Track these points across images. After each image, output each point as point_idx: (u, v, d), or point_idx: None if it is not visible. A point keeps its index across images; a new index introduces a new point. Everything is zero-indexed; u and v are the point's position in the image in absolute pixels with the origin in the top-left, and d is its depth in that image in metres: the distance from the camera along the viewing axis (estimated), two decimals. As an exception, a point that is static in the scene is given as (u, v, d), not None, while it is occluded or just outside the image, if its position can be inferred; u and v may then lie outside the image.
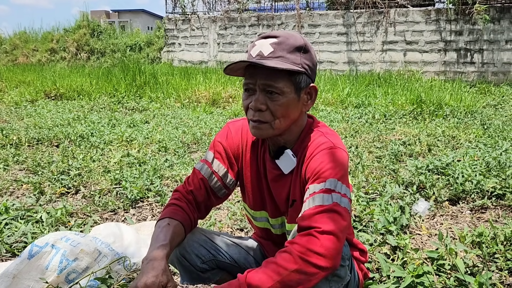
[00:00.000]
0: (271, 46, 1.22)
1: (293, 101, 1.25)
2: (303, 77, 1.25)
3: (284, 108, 1.23)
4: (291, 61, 1.22)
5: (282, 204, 1.38)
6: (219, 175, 1.40)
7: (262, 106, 1.22)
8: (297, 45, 1.24)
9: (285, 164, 1.32)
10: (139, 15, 36.82)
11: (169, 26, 13.18)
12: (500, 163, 3.12)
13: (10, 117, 5.75)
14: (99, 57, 14.88)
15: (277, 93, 1.22)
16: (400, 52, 10.29)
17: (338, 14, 10.84)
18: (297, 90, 1.25)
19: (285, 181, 1.34)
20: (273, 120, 1.24)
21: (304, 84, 1.26)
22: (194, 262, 1.40)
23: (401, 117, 5.55)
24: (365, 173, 3.22)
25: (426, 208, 2.55)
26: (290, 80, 1.23)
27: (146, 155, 3.77)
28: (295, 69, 1.21)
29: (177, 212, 1.33)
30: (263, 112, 1.23)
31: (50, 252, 1.66)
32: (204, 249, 1.42)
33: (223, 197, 1.45)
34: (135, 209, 2.70)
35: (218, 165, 1.41)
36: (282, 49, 1.22)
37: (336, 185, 1.17)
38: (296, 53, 1.23)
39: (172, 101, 7.10)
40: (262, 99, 1.22)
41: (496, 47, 9.46)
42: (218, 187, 1.41)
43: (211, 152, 1.43)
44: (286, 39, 1.23)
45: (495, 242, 1.99)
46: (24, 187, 3.01)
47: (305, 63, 1.25)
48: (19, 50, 15.68)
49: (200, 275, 1.42)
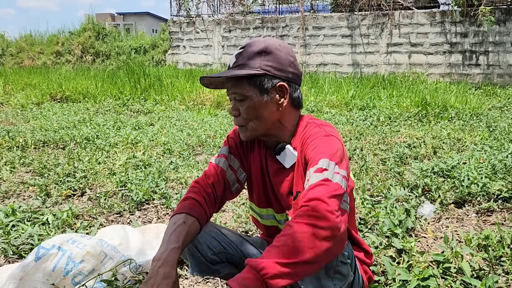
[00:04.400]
0: (235, 57, 1.35)
1: (261, 103, 1.33)
2: (264, 79, 1.31)
3: (252, 110, 1.33)
4: (250, 66, 1.31)
5: (285, 197, 1.41)
6: (234, 168, 1.48)
7: (235, 112, 1.36)
8: (256, 50, 1.32)
9: (285, 159, 1.38)
10: (144, 18, 36.99)
11: (173, 29, 13.23)
12: (506, 166, 3.10)
13: (16, 120, 5.79)
14: (104, 60, 14.95)
15: (242, 98, 1.33)
16: (405, 54, 10.26)
17: (342, 16, 10.83)
18: (261, 92, 1.32)
19: (287, 174, 1.39)
20: (246, 123, 1.35)
21: (269, 85, 1.32)
22: (205, 253, 1.41)
23: (406, 120, 5.54)
24: (370, 176, 3.21)
25: (431, 211, 2.54)
26: (251, 84, 1.31)
27: (151, 158, 3.79)
28: (248, 73, 1.29)
29: (195, 208, 1.34)
30: (238, 117, 1.37)
31: (56, 254, 1.67)
32: (216, 241, 1.44)
33: (236, 192, 1.50)
34: (141, 211, 2.71)
35: (233, 159, 1.49)
36: (243, 57, 1.33)
37: (328, 164, 1.18)
38: (255, 57, 1.32)
39: (177, 103, 7.12)
40: (235, 105, 1.36)
41: (502, 49, 9.41)
42: (233, 181, 1.48)
43: (226, 147, 1.51)
44: (249, 47, 1.33)
45: (501, 245, 1.98)
46: (30, 189, 3.03)
47: (265, 64, 1.31)
48: (25, 53, 15.80)
49: (210, 266, 1.43)
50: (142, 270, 1.79)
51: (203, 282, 1.92)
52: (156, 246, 1.95)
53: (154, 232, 2.14)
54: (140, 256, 1.81)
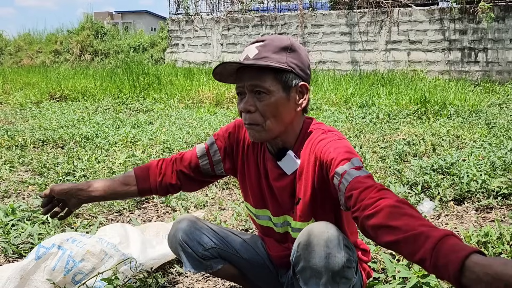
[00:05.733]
0: (257, 48, 1.24)
1: (282, 100, 1.25)
2: (290, 76, 1.25)
3: (273, 107, 1.24)
4: (276, 60, 1.23)
5: (286, 202, 1.39)
6: (212, 159, 1.47)
7: (251, 107, 1.24)
8: (282, 46, 1.25)
9: (287, 165, 1.33)
10: (142, 16, 36.94)
11: (172, 27, 13.21)
12: (505, 163, 3.10)
13: (15, 119, 5.78)
14: (103, 59, 14.93)
15: (264, 92, 1.22)
16: (403, 52, 10.26)
17: (341, 14, 10.82)
18: (285, 89, 1.25)
19: (288, 180, 1.35)
20: (264, 122, 1.25)
21: (292, 83, 1.26)
22: (196, 248, 1.42)
23: (405, 117, 5.54)
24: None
25: (431, 208, 2.55)
26: (276, 79, 1.23)
27: (150, 156, 3.79)
28: (279, 66, 1.22)
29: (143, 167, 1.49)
30: (253, 113, 1.24)
31: (56, 253, 1.67)
32: (206, 237, 1.45)
33: (207, 178, 1.52)
34: (140, 210, 2.71)
35: (215, 151, 1.47)
36: (267, 50, 1.24)
37: (360, 163, 1.17)
38: (281, 52, 1.24)
39: (176, 102, 7.11)
40: (250, 100, 1.24)
41: (501, 46, 9.41)
42: (206, 169, 1.48)
43: (214, 138, 1.49)
44: (271, 41, 1.25)
45: (501, 242, 1.99)
46: (30, 188, 3.03)
47: (291, 61, 1.25)
48: (23, 52, 15.77)
49: (202, 262, 1.44)
50: (142, 269, 1.80)
51: (203, 280, 1.92)
52: (156, 245, 1.95)
53: (154, 231, 2.14)
54: (140, 255, 1.81)
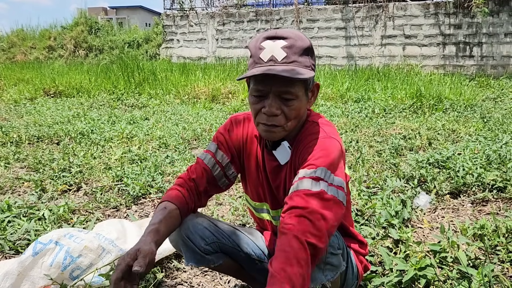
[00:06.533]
0: (283, 50, 1.20)
1: (304, 102, 1.28)
2: (312, 79, 1.27)
3: (297, 110, 1.25)
4: (303, 64, 1.22)
5: (281, 195, 1.40)
6: (222, 165, 1.45)
7: (278, 111, 1.23)
8: (305, 47, 1.23)
9: (281, 155, 1.35)
10: (136, 12, 36.72)
11: (167, 22, 13.14)
12: (500, 156, 3.12)
13: (9, 115, 5.74)
14: (97, 54, 14.83)
15: (292, 98, 1.23)
16: (399, 46, 10.27)
17: (336, 8, 10.81)
18: (306, 91, 1.27)
19: (282, 172, 1.37)
20: (286, 123, 1.25)
21: (311, 85, 1.29)
22: (198, 243, 1.42)
23: (401, 111, 5.56)
24: (366, 168, 3.22)
25: (427, 202, 2.56)
26: (302, 84, 1.24)
27: (147, 152, 3.78)
28: (311, 76, 1.21)
29: (176, 197, 1.37)
30: (277, 116, 1.24)
31: (54, 249, 1.66)
32: (208, 231, 1.44)
33: (225, 186, 1.48)
34: (137, 205, 2.71)
35: (221, 156, 1.45)
36: (294, 53, 1.21)
37: (326, 174, 1.17)
38: (306, 55, 1.23)
39: (172, 97, 7.09)
40: (276, 103, 1.22)
41: (495, 40, 9.45)
42: (220, 177, 1.45)
43: (215, 143, 1.47)
44: (295, 42, 1.22)
45: (496, 235, 2.00)
46: (25, 184, 3.01)
47: (313, 64, 1.26)
48: (17, 48, 15.63)
49: (204, 256, 1.44)
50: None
51: (202, 274, 1.92)
52: (153, 240, 1.95)
53: (151, 226, 2.14)
54: (138, 250, 1.81)
